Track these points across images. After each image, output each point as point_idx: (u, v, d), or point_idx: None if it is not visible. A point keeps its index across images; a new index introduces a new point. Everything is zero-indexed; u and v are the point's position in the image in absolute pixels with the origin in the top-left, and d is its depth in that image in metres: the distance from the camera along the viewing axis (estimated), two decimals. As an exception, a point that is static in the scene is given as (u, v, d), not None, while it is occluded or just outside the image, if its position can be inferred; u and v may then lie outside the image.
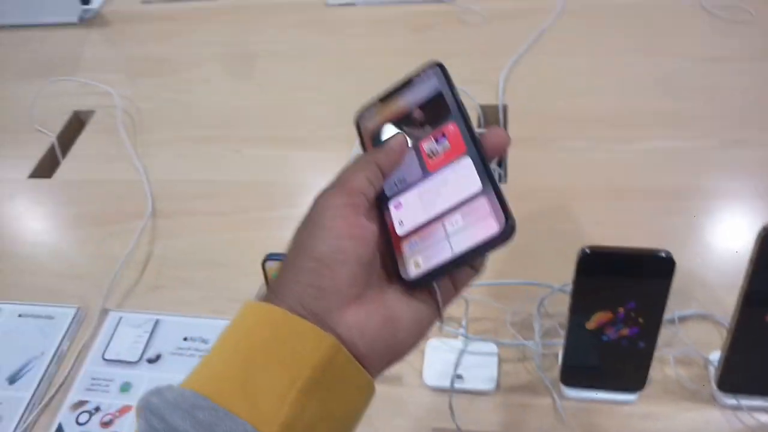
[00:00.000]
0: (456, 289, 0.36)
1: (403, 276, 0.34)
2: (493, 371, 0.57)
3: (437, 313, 0.35)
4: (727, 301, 0.61)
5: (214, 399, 0.28)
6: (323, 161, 0.80)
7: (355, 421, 0.32)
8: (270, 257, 0.51)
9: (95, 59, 1.03)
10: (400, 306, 0.33)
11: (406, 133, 0.39)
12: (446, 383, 0.57)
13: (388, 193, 0.37)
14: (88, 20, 1.10)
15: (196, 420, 0.27)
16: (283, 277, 0.33)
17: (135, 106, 0.91)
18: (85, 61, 1.02)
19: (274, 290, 0.33)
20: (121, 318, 0.64)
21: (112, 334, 0.63)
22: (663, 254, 0.45)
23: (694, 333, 0.59)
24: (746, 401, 0.53)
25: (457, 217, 0.34)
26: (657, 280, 0.47)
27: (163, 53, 1.02)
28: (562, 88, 0.85)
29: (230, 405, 0.28)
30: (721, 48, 0.88)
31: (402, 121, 0.40)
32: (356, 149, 0.75)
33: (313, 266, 0.32)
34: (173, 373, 0.59)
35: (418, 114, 0.39)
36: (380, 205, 0.37)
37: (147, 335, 0.62)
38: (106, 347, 0.62)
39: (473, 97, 0.83)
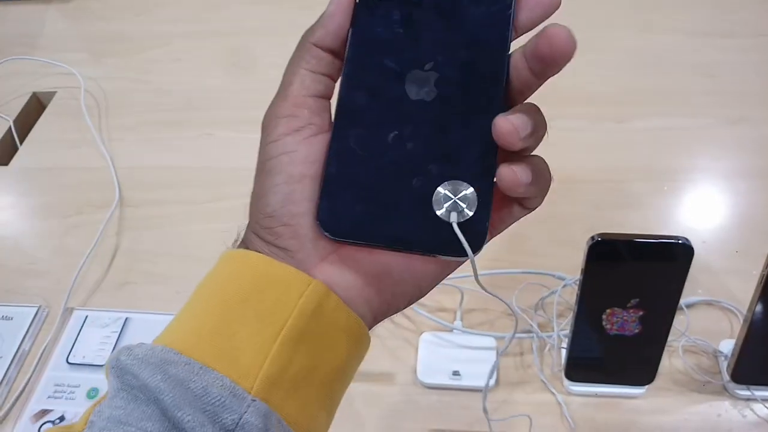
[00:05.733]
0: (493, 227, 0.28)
1: (319, 218, 0.27)
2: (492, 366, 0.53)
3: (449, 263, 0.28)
4: (733, 287, 0.58)
5: (188, 353, 0.25)
6: (304, 144, 0.75)
7: (350, 374, 0.29)
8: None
9: (56, 37, 0.96)
10: (393, 258, 0.27)
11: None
12: (442, 380, 0.53)
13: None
14: (47, -5, 1.03)
15: (168, 375, 0.24)
16: (247, 231, 0.29)
17: (99, 88, 0.85)
18: (45, 39, 0.95)
19: (244, 242, 0.29)
20: (86, 317, 0.59)
21: (77, 335, 0.57)
22: (680, 241, 0.42)
23: (702, 321, 0.56)
24: (760, 392, 0.51)
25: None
26: (673, 269, 0.43)
27: (129, 31, 0.95)
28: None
29: (206, 359, 0.25)
30: (718, 23, 0.84)
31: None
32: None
33: (269, 224, 0.27)
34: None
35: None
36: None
37: (116, 335, 0.57)
38: (71, 350, 0.56)
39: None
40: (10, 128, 0.80)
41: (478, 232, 0.26)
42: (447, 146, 0.27)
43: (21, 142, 0.79)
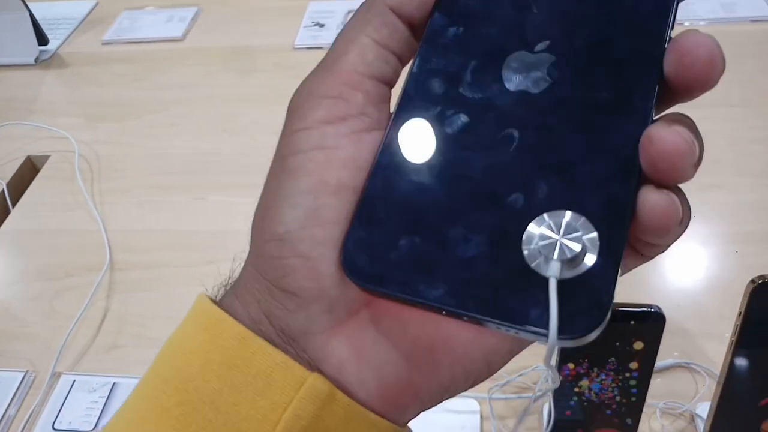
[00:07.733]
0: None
1: (342, 252, 0.18)
2: None
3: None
4: (707, 349, 0.60)
5: None
6: (293, 208, 0.77)
7: None
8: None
9: (51, 102, 0.99)
10: (453, 323, 0.18)
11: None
12: (427, 446, 0.54)
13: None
14: (45, 61, 1.06)
15: None
16: (245, 261, 0.21)
17: (93, 152, 0.87)
18: (41, 104, 0.98)
19: (234, 285, 0.21)
20: (74, 382, 0.59)
21: (64, 401, 0.57)
22: (653, 309, 0.44)
23: (678, 384, 0.58)
24: (736, 456, 0.52)
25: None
26: (645, 335, 0.45)
27: (124, 96, 0.98)
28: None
29: None
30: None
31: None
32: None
33: (276, 252, 0.19)
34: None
35: None
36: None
37: (103, 400, 0.57)
38: (57, 415, 0.56)
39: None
40: (2, 191, 0.82)
41: (597, 299, 0.16)
42: (554, 161, 0.17)
43: (13, 206, 0.80)
